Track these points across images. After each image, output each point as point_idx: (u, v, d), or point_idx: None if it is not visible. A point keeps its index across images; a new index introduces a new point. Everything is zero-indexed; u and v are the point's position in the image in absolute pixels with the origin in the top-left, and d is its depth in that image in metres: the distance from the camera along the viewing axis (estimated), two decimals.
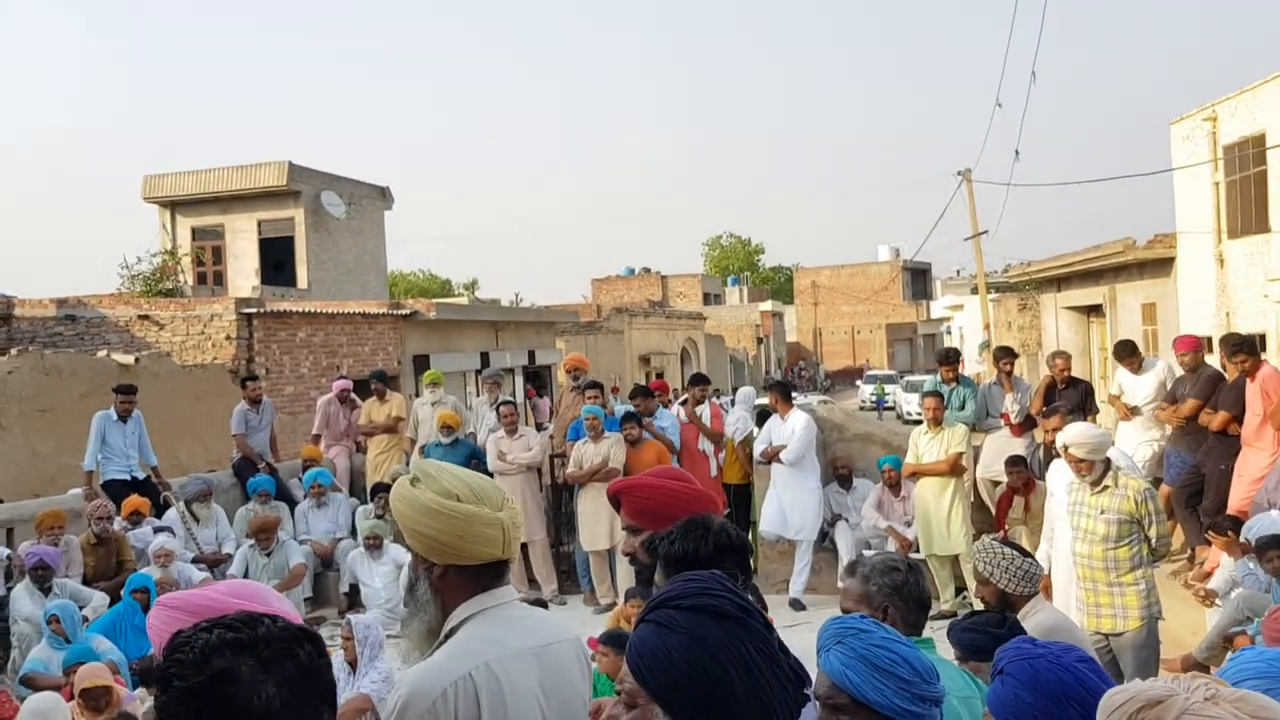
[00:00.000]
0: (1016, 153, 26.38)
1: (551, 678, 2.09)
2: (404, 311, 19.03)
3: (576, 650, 2.23)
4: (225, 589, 1.99)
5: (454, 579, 2.12)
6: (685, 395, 10.59)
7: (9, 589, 8.18)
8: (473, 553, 2.09)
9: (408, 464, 10.81)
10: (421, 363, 18.49)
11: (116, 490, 9.55)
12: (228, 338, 16.06)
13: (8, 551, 8.59)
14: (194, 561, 9.06)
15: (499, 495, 2.20)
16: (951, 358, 9.76)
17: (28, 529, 8.88)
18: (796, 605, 8.96)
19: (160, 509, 9.71)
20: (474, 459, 9.92)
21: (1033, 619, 3.75)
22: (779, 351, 59.26)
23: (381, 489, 10.30)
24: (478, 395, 17.29)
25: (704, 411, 10.13)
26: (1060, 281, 23.47)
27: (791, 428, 9.31)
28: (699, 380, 10.48)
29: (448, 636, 2.11)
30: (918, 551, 8.65)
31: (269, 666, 1.36)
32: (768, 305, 57.57)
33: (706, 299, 58.42)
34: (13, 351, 13.99)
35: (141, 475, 9.98)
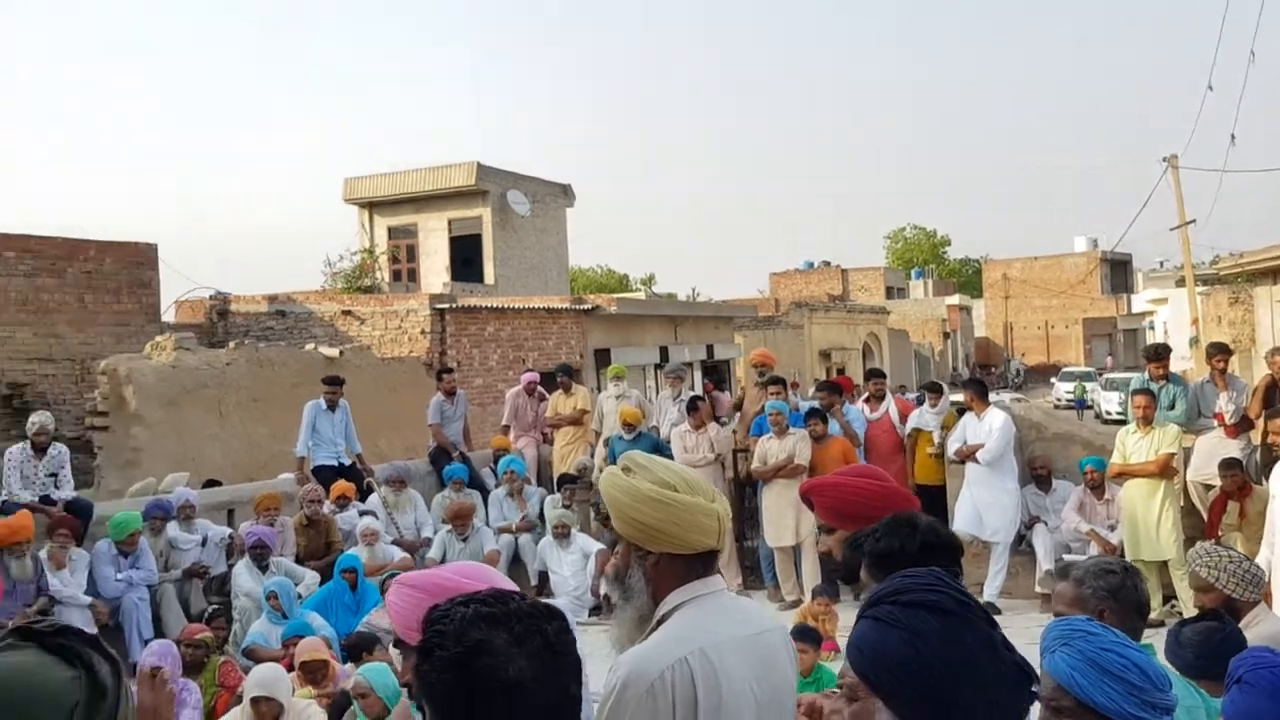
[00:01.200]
0: (1232, 137, 24.62)
1: (763, 665, 2.14)
2: (586, 307, 19.48)
3: (784, 639, 2.27)
4: (455, 570, 2.13)
5: (667, 567, 2.19)
6: (867, 391, 10.46)
7: (230, 566, 8.88)
8: (689, 541, 2.16)
9: (592, 455, 11.08)
10: (603, 357, 18.88)
11: (325, 475, 10.17)
12: (422, 332, 16.85)
13: (229, 531, 9.32)
14: (393, 544, 9.57)
15: (710, 487, 2.26)
16: (1162, 354, 9.24)
17: (246, 510, 9.60)
18: (991, 609, 8.68)
19: (364, 494, 10.29)
20: (657, 452, 10.09)
21: (1257, 628, 3.54)
22: (966, 347, 57.35)
23: (568, 479, 10.59)
24: (658, 389, 17.53)
25: (887, 405, 9.99)
26: (1277, 273, 21.82)
27: (988, 426, 9.05)
28: (874, 375, 10.34)
29: (659, 624, 2.19)
30: (1122, 556, 8.25)
31: (521, 641, 1.45)
32: (954, 299, 55.82)
33: (889, 293, 57.15)
34: (230, 345, 15.11)
35: (348, 462, 10.61)
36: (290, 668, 5.95)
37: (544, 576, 9.75)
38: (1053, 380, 44.43)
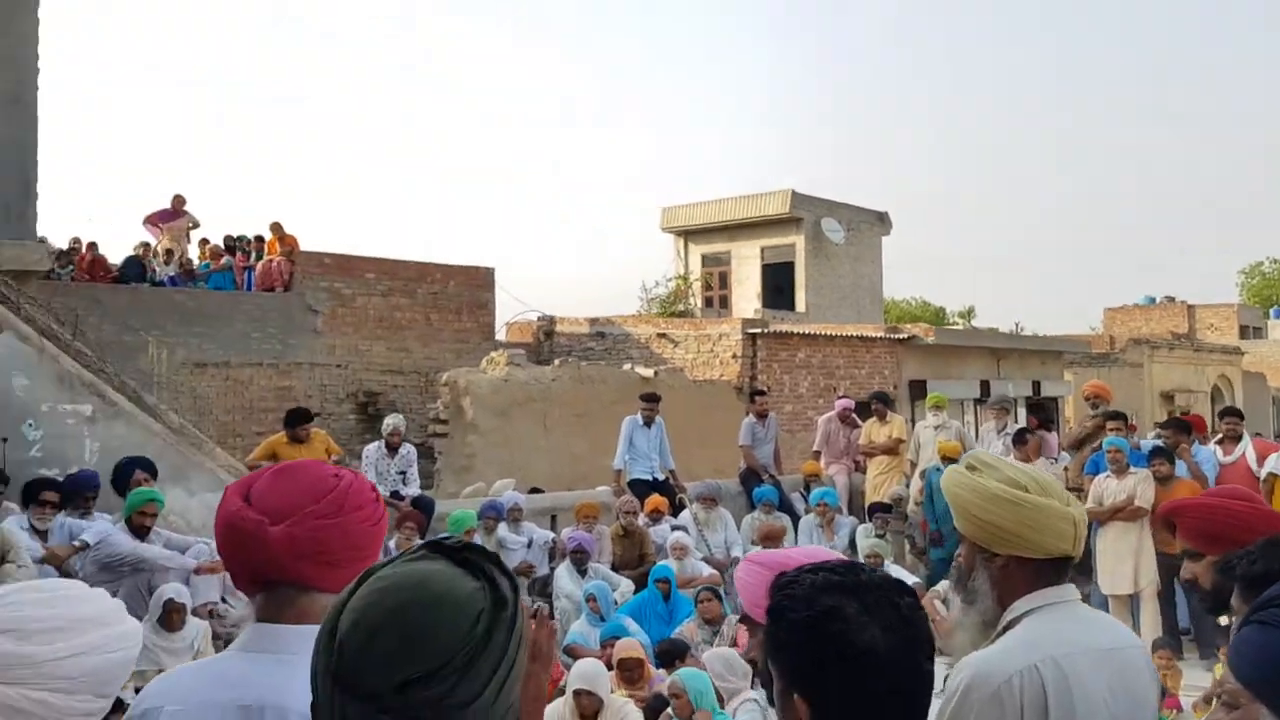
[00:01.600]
0: None
1: (1121, 681, 2.01)
2: (901, 336, 19.05)
3: (1146, 658, 2.13)
4: (801, 552, 2.17)
5: (1015, 571, 2.11)
6: (1220, 431, 9.53)
7: (553, 568, 9.40)
8: (1041, 545, 2.07)
9: (907, 485, 10.80)
10: (917, 388, 18.37)
11: (640, 489, 10.57)
12: (734, 356, 17.14)
13: (552, 535, 9.88)
14: (703, 561, 9.76)
15: (1063, 490, 2.16)
16: None
17: (567, 517, 10.14)
18: None
19: (676, 509, 10.59)
20: None
21: None
22: None
23: (881, 509, 10.37)
24: (976, 426, 16.81)
25: (1244, 447, 9.06)
26: None
27: None
28: (1230, 413, 9.40)
29: (1005, 630, 2.11)
30: None
31: (872, 610, 1.46)
32: None
33: (1244, 332, 51.67)
34: (555, 362, 16.09)
35: (661, 477, 10.97)
36: (609, 667, 6.20)
37: None
38: None
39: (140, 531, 6.44)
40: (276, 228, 17.42)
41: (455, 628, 1.14)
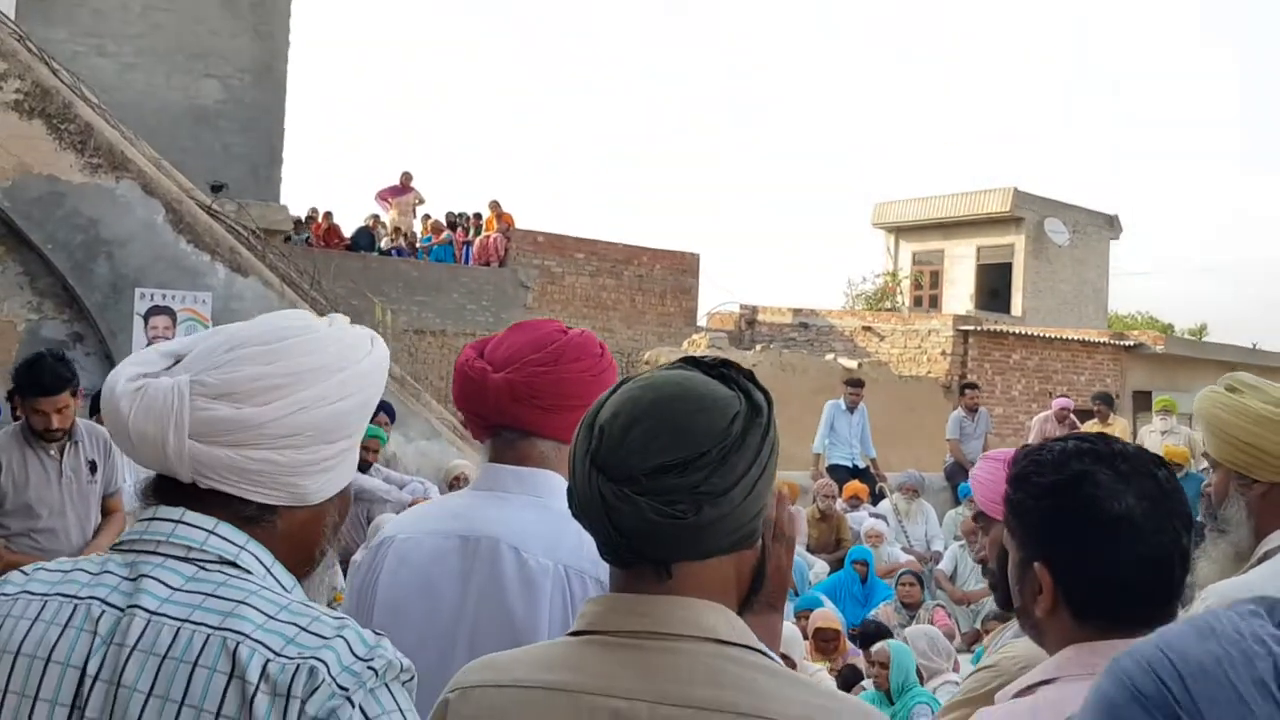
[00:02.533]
0: None
1: None
2: (1128, 343, 18.03)
3: None
4: None
5: (1277, 500, 1.98)
6: None
7: None
8: None
9: None
10: (1142, 399, 17.32)
11: (839, 474, 10.46)
12: (943, 353, 16.65)
13: None
14: (902, 551, 9.55)
15: None
16: None
17: None
18: None
19: (876, 498, 10.40)
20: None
21: None
22: None
23: None
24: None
25: None
26: None
27: None
28: None
29: (1260, 562, 1.98)
30: None
31: (1127, 479, 1.40)
32: None
33: None
34: (756, 348, 16.05)
35: (862, 464, 10.80)
36: (805, 636, 6.17)
37: None
38: None
39: (362, 466, 6.86)
40: (495, 205, 18.15)
41: (712, 424, 1.17)
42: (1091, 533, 1.39)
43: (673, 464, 1.15)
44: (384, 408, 7.76)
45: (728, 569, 1.19)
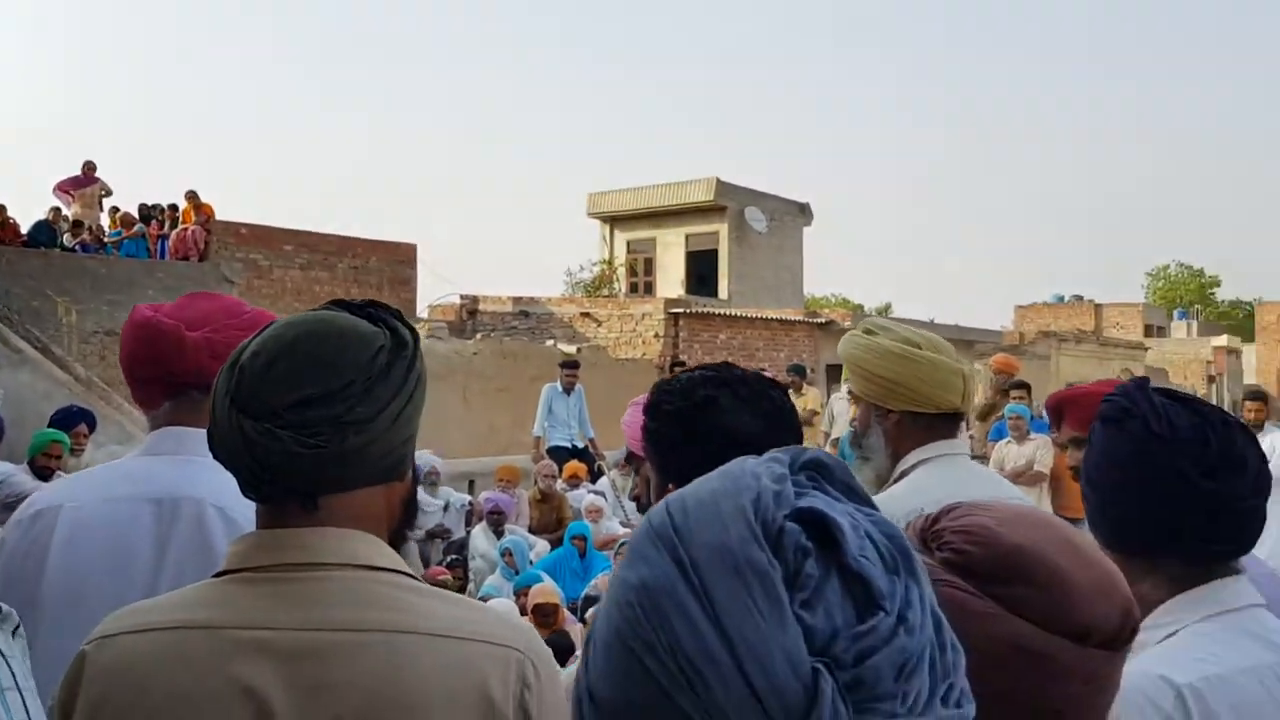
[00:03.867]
0: None
1: None
2: (820, 320, 19.37)
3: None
4: None
5: (908, 426, 2.20)
6: None
7: (468, 531, 9.38)
8: (933, 399, 2.16)
9: None
10: (835, 372, 18.69)
11: (559, 455, 10.60)
12: (656, 335, 17.26)
13: (469, 498, 9.85)
14: (620, 525, 9.82)
15: (952, 348, 2.26)
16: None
17: (486, 482, 10.13)
18: None
19: (595, 476, 10.63)
20: None
21: None
22: (1234, 393, 52.80)
23: None
24: None
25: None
26: None
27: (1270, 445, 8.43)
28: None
29: (896, 482, 2.20)
30: None
31: (747, 401, 1.53)
32: (1223, 340, 51.60)
33: (1148, 331, 53.50)
34: (478, 337, 16.00)
35: (581, 445, 11.01)
36: (523, 613, 6.22)
37: None
38: None
39: (43, 473, 6.27)
40: (192, 196, 17.01)
41: (355, 357, 1.17)
42: (715, 450, 1.50)
43: (315, 396, 1.14)
44: (83, 416, 7.16)
45: (376, 500, 1.19)
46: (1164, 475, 1.40)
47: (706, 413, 1.52)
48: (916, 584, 0.69)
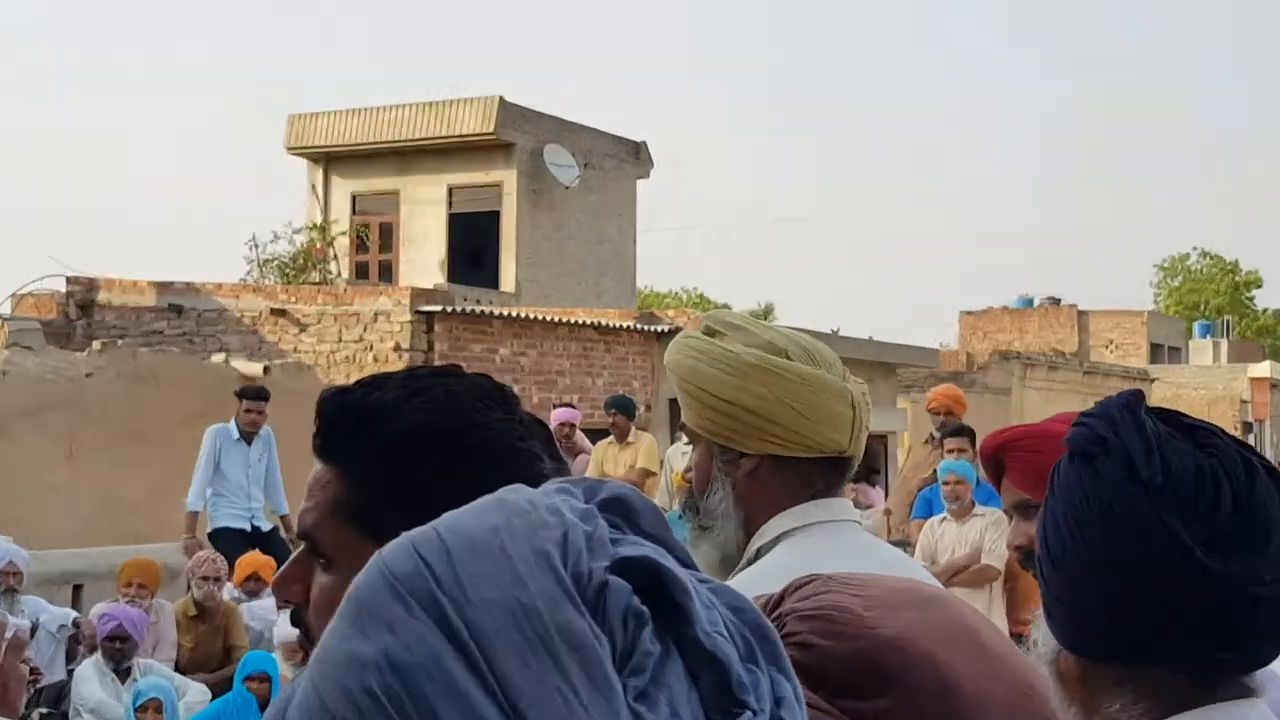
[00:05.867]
0: None
1: None
2: (661, 328, 19.62)
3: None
4: None
5: (769, 477, 2.24)
6: None
7: (71, 670, 9.05)
8: (807, 436, 2.21)
9: None
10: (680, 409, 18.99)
11: (231, 542, 10.40)
12: (396, 348, 17.13)
13: (74, 615, 9.51)
14: None
15: (837, 360, 2.32)
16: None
17: (103, 587, 9.81)
18: None
19: None
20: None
21: None
22: None
23: None
24: None
25: None
26: None
27: None
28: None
29: (751, 563, 2.23)
30: None
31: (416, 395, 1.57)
32: (1263, 369, 55.07)
33: (1156, 352, 56.59)
34: (94, 345, 15.50)
35: (267, 526, 10.83)
36: None
37: None
38: None
39: None
40: None
41: None
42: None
43: None
44: None
45: None
46: (1148, 542, 1.41)
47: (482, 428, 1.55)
48: (786, 679, 0.71)
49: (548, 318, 18.79)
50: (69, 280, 19.62)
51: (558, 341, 18.60)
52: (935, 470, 9.93)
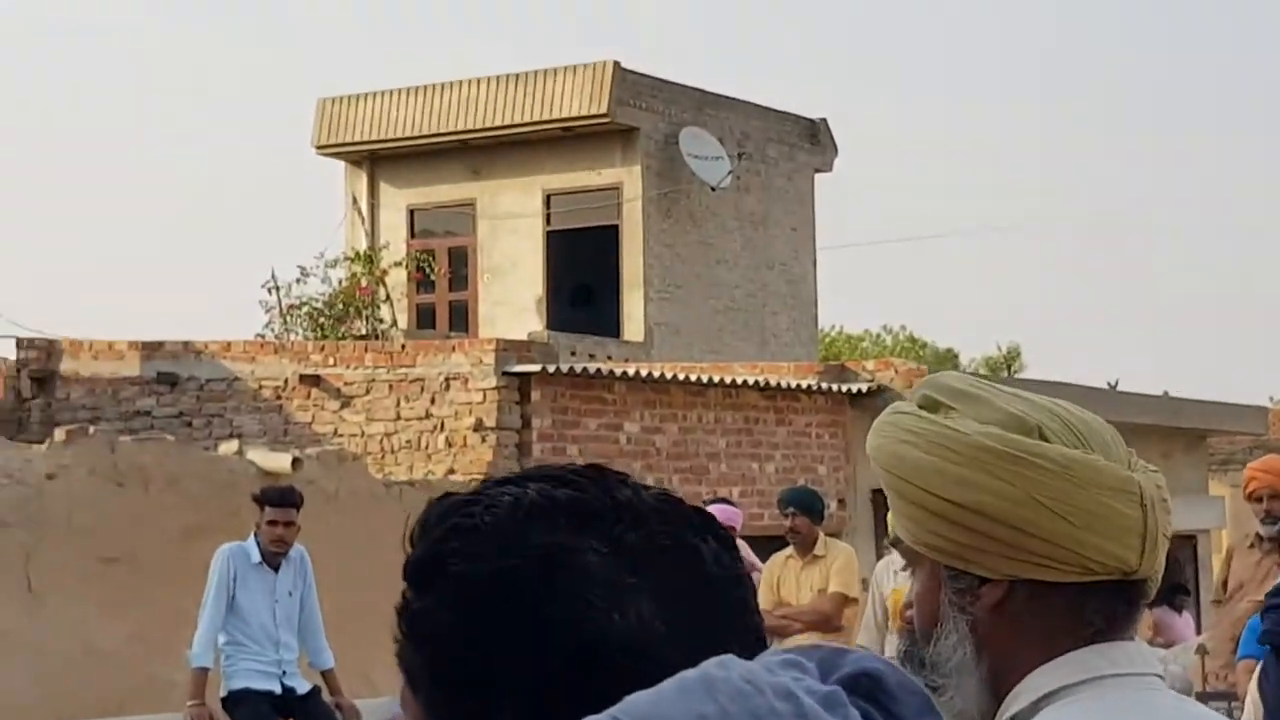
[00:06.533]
0: None
1: None
2: (855, 386, 19.54)
3: None
4: None
5: (1024, 613, 2.23)
6: None
7: None
8: (1077, 551, 2.19)
9: None
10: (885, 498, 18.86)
11: (254, 710, 10.50)
12: (478, 426, 17.22)
13: None
14: None
15: (1117, 437, 2.31)
16: None
17: None
18: None
19: None
20: None
21: None
22: None
23: None
24: None
25: None
26: None
27: None
28: None
29: None
30: None
31: (638, 562, 1.57)
32: None
33: None
34: (57, 434, 15.78)
35: (304, 686, 10.92)
36: None
37: None
38: None
39: None
40: None
41: None
42: (567, 668, 1.53)
43: None
44: None
45: None
46: None
47: (550, 584, 1.54)
48: None
49: (692, 377, 18.77)
50: (20, 344, 19.94)
51: (707, 411, 18.58)
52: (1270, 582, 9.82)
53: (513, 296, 27.15)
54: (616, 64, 26.50)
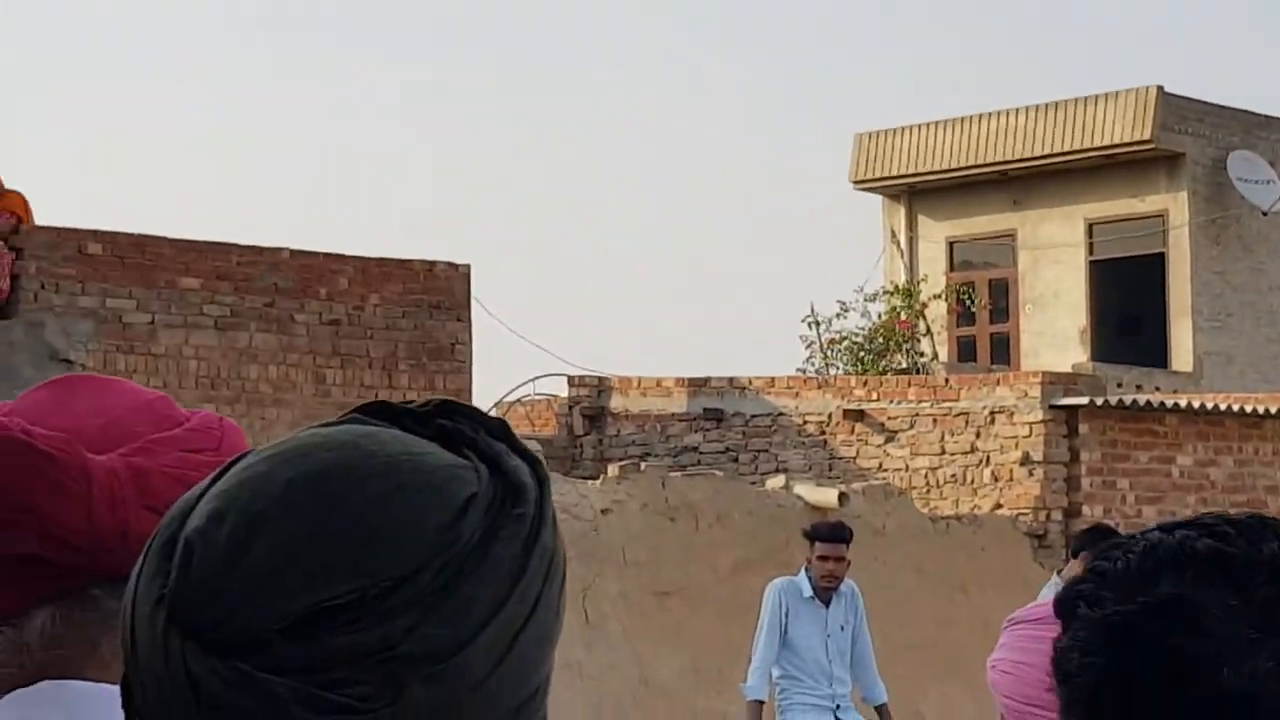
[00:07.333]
0: None
1: None
2: None
3: None
4: None
5: None
6: None
7: None
8: None
9: None
10: None
11: None
12: (1025, 459, 17.05)
13: None
14: None
15: None
16: None
17: None
18: None
19: None
20: None
21: None
22: None
23: None
24: None
25: None
26: None
27: None
28: None
29: None
30: None
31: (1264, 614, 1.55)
32: None
33: None
34: (611, 471, 16.15)
35: None
36: None
37: None
38: None
39: None
40: None
41: (417, 521, 1.22)
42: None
43: (338, 604, 1.20)
44: None
45: None
46: None
47: (1160, 635, 1.53)
48: None
49: (1248, 408, 18.32)
50: (571, 382, 20.38)
51: (1264, 443, 18.10)
52: None
53: (1054, 327, 26.88)
54: (1160, 89, 26.08)
